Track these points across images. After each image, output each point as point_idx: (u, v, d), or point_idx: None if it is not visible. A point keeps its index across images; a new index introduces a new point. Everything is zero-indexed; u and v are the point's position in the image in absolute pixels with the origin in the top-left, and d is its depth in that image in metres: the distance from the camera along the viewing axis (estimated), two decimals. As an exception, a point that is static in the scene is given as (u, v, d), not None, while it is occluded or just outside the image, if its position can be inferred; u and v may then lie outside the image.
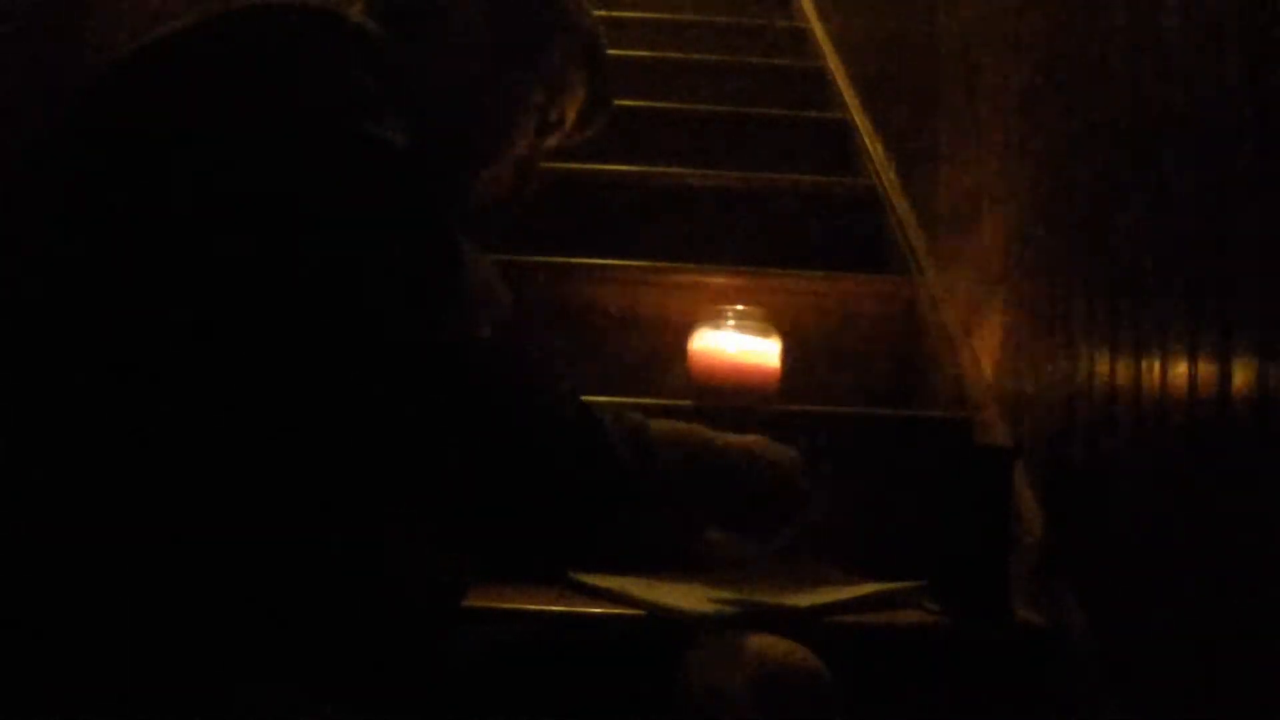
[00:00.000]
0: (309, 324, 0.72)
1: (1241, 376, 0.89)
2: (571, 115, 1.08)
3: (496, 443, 0.77)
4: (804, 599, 1.15)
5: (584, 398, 1.36)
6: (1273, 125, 0.87)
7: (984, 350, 1.57)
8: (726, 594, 1.15)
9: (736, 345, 1.56)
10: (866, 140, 2.35)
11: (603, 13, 1.06)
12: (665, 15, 3.33)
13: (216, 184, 0.73)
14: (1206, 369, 0.94)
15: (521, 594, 1.10)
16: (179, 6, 0.89)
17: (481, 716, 0.83)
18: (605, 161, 2.06)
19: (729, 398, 1.53)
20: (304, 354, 0.72)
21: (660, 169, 2.16)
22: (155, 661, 0.68)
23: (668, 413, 1.50)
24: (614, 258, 1.88)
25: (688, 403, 1.55)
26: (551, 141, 1.08)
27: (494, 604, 1.06)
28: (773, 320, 1.60)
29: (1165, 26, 1.05)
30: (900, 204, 2.05)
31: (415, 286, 0.77)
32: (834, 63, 2.83)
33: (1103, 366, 1.16)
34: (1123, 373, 1.11)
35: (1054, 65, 1.36)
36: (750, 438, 1.09)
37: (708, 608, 1.07)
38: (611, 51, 1.11)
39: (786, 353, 1.60)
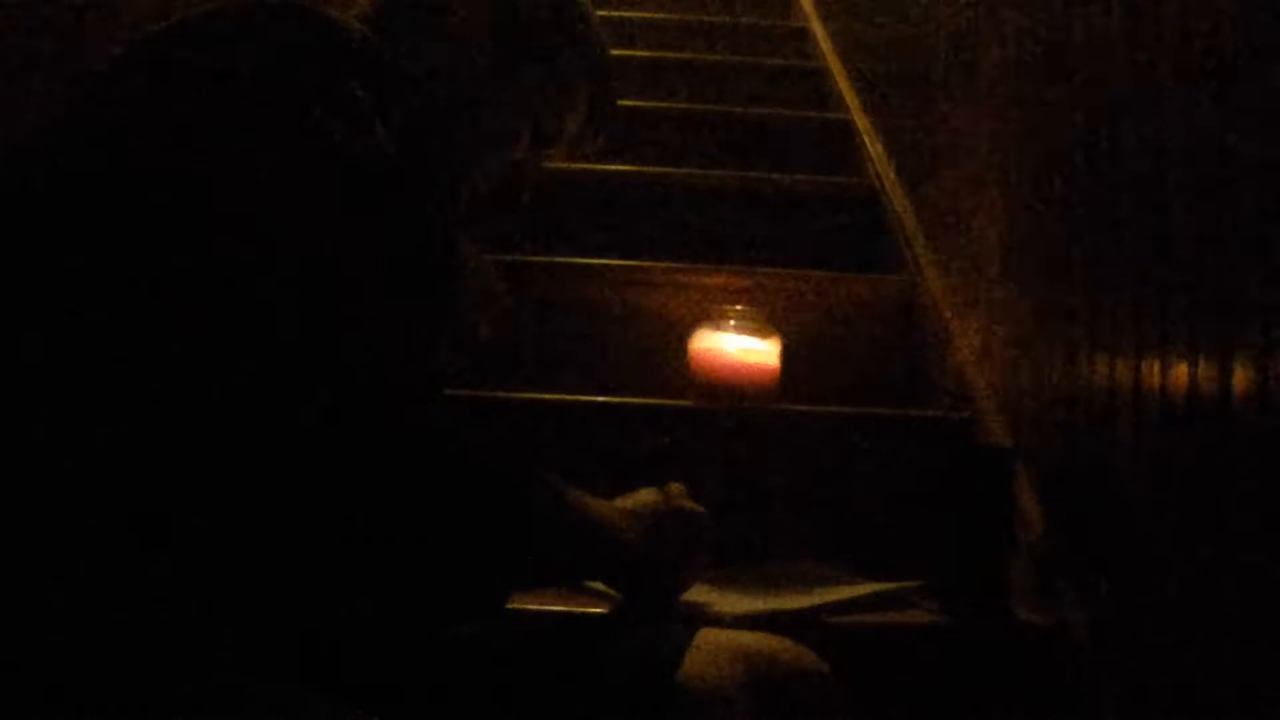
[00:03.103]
0: (274, 336, 0.71)
1: (1241, 376, 0.89)
2: (572, 128, 1.07)
3: (416, 483, 0.74)
4: (804, 599, 1.15)
5: (584, 398, 1.35)
6: (1272, 120, 0.87)
7: (984, 350, 1.57)
8: (729, 595, 1.16)
9: (736, 345, 1.56)
10: (866, 140, 2.35)
11: (603, 13, 1.05)
12: (665, 15, 3.33)
13: (196, 197, 0.72)
14: (1206, 369, 0.94)
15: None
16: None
17: (479, 716, 0.83)
18: (605, 161, 2.05)
19: (729, 398, 1.53)
20: (264, 366, 0.71)
21: (660, 169, 2.16)
22: (128, 654, 0.68)
23: (668, 412, 1.52)
24: (614, 257, 1.88)
25: (688, 403, 1.55)
26: (551, 152, 1.07)
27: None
28: (773, 320, 1.60)
29: (1162, 18, 1.05)
30: (900, 204, 2.05)
31: (395, 312, 0.76)
32: (834, 63, 2.83)
33: (1103, 366, 1.16)
34: (1123, 373, 1.11)
35: (1054, 64, 1.36)
36: (640, 501, 0.97)
37: (710, 609, 1.08)
38: (612, 51, 1.11)
39: (786, 353, 1.60)
